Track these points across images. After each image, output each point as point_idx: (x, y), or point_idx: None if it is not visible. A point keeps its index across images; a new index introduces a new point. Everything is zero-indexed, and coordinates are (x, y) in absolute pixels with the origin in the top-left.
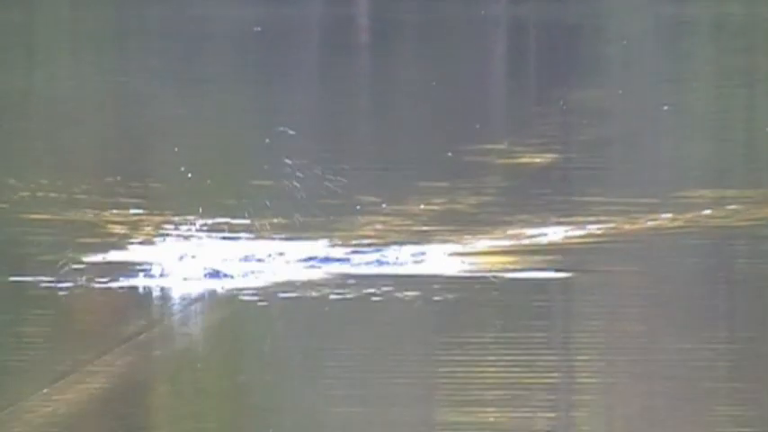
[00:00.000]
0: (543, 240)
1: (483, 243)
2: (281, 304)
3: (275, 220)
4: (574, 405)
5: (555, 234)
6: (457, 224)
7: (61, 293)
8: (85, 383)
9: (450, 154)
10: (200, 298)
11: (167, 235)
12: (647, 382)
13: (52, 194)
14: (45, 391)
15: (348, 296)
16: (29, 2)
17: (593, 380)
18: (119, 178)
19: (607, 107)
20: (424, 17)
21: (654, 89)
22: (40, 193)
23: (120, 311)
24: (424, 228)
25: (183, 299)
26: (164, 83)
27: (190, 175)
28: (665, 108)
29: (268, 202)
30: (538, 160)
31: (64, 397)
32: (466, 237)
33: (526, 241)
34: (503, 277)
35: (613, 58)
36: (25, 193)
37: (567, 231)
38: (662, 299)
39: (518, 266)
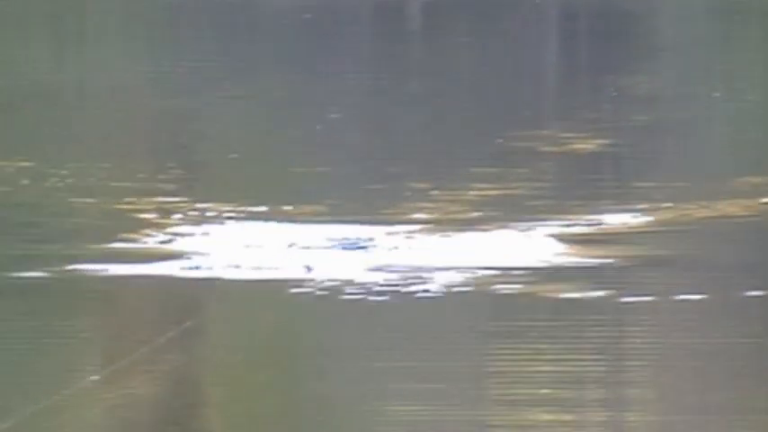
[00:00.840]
0: (598, 227)
1: (538, 231)
2: (332, 294)
3: (324, 208)
4: (626, 398)
5: (609, 221)
6: (509, 211)
7: (105, 283)
8: (133, 373)
9: (500, 140)
10: (248, 287)
11: (215, 223)
12: (702, 374)
13: (100, 182)
14: (94, 378)
15: (398, 285)
16: None
17: (646, 372)
18: (167, 164)
19: (658, 93)
20: (475, 3)
21: (705, 75)
22: (90, 179)
23: (165, 301)
24: (476, 215)
25: (232, 288)
26: (213, 69)
27: (235, 156)
28: (717, 95)
29: (317, 189)
30: (588, 146)
31: (112, 386)
32: (519, 224)
33: (581, 229)
34: (558, 265)
35: (664, 44)
36: (70, 180)
37: (620, 218)
38: (719, 286)
39: (575, 254)
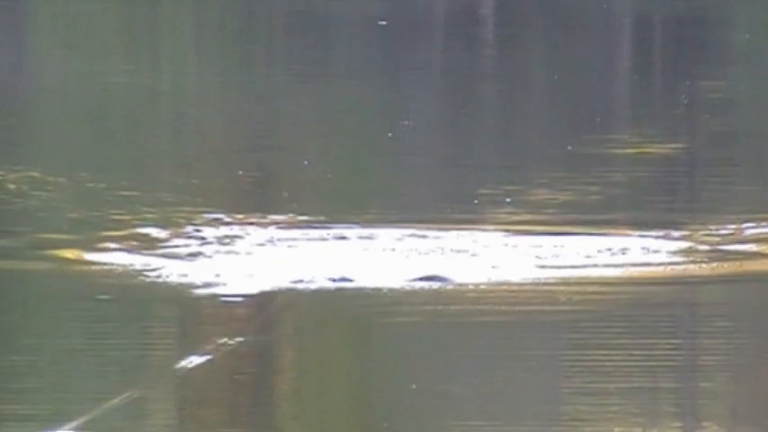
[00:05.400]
0: (679, 234)
1: (615, 237)
2: (404, 305)
3: (394, 214)
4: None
5: (688, 226)
6: (590, 217)
7: (173, 299)
8: (201, 376)
9: (569, 147)
10: (328, 302)
11: (287, 238)
12: None
13: (165, 192)
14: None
15: (474, 290)
16: None
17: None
18: (240, 173)
19: (732, 98)
20: (547, 10)
21: None
22: (158, 190)
23: (234, 317)
24: (552, 221)
25: (304, 303)
26: (288, 77)
27: (306, 164)
28: None
29: (387, 196)
30: (661, 151)
31: (188, 386)
32: (603, 230)
33: (661, 235)
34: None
35: (738, 49)
36: (147, 193)
37: (700, 223)
38: None
39: (661, 268)
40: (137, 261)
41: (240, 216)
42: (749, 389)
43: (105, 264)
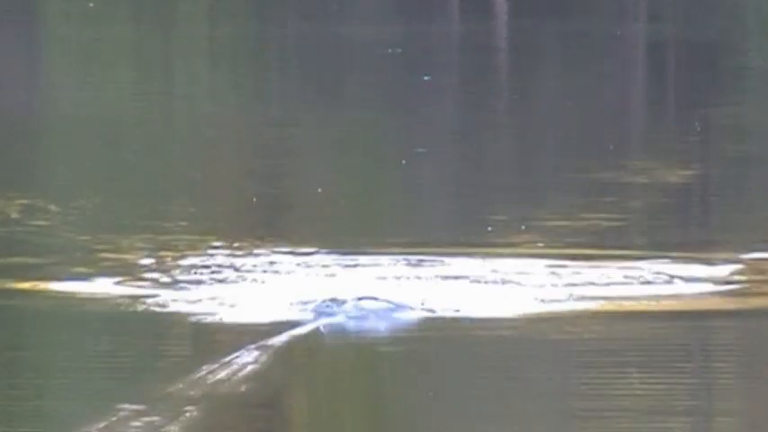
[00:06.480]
0: (701, 260)
1: (631, 264)
2: (432, 332)
3: (408, 240)
4: None
5: (703, 254)
6: (606, 242)
7: (199, 322)
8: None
9: (585, 174)
10: (356, 330)
11: (297, 266)
12: None
13: (175, 219)
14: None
15: (496, 315)
16: (166, 19)
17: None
18: (253, 200)
19: (746, 124)
20: (561, 36)
21: None
22: (167, 216)
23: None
24: (569, 247)
25: (322, 333)
26: (301, 104)
27: (319, 192)
28: None
29: (400, 223)
30: (675, 179)
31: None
32: (621, 255)
33: (678, 263)
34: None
35: (752, 75)
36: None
37: (716, 251)
38: None
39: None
40: (137, 290)
41: (248, 243)
42: None
43: (95, 292)
